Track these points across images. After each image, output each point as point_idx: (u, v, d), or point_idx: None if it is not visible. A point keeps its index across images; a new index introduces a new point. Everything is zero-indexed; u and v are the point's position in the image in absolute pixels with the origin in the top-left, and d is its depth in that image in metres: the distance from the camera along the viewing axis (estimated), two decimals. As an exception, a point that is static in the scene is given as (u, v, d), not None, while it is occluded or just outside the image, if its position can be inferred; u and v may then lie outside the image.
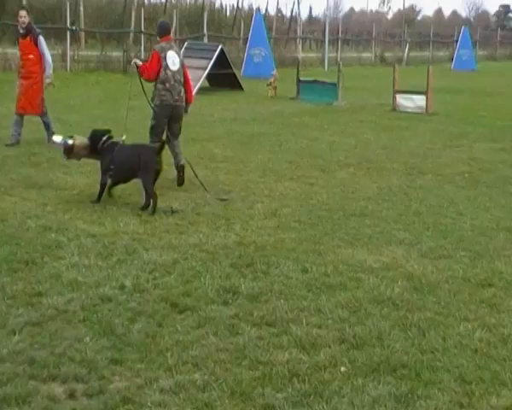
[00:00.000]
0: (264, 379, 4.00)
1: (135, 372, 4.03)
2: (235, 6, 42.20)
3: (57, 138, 8.39)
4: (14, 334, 4.39)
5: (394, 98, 18.06)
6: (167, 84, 8.69)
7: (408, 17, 54.76)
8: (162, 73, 8.68)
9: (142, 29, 30.62)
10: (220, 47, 22.20)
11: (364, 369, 4.16)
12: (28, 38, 11.00)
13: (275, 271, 5.76)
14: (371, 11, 69.91)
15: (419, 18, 71.25)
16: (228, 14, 44.96)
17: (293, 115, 16.47)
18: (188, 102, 8.96)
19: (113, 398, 3.77)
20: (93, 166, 9.48)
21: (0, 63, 22.85)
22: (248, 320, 4.77)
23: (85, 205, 7.52)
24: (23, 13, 11.02)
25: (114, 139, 8.12)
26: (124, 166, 7.70)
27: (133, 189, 8.32)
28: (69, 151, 7.96)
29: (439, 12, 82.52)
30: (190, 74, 9.88)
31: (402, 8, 52.53)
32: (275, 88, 20.93)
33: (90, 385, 3.88)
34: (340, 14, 69.46)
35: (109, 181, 7.77)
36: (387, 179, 9.59)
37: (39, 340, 4.34)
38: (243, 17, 38.31)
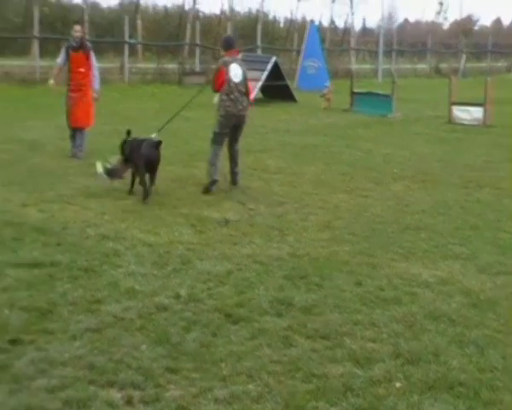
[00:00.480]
0: (318, 392, 4.00)
1: (190, 381, 4.09)
2: (289, 18, 42.32)
3: (99, 169, 9.18)
4: (75, 339, 4.51)
5: (450, 110, 17.82)
6: (231, 96, 9.14)
7: (465, 27, 53.91)
8: (226, 86, 9.15)
9: (198, 41, 31.02)
10: (274, 59, 22.32)
11: (420, 385, 4.11)
12: (80, 52, 11.21)
13: (328, 283, 5.75)
14: (426, 22, 69.05)
15: (476, 28, 70.06)
16: (281, 25, 45.12)
17: (347, 127, 16.41)
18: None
19: (169, 406, 3.83)
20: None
21: (63, 77, 23.44)
22: (302, 332, 4.77)
23: (141, 215, 7.67)
24: (78, 27, 11.34)
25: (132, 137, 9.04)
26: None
27: (187, 200, 8.45)
28: (115, 172, 8.82)
29: (497, 22, 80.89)
30: None
31: (459, 18, 51.74)
32: (328, 100, 20.89)
33: (146, 392, 3.95)
34: (395, 25, 68.84)
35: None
36: (443, 193, 9.47)
37: (98, 346, 4.44)
38: (297, 29, 38.36)
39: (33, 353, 4.30)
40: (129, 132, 9.10)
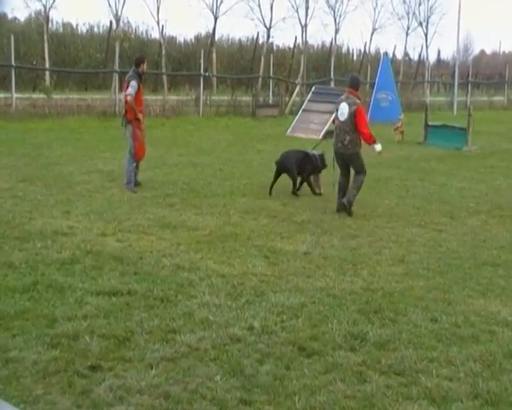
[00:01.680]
0: (392, 430, 3.95)
1: (263, 414, 4.11)
2: (362, 50, 42.33)
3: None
4: (152, 368, 4.61)
5: (529, 143, 17.36)
6: (336, 132, 10.12)
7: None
8: (335, 122, 10.23)
9: (271, 74, 31.42)
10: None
11: (499, 427, 4.00)
12: (143, 84, 11.56)
13: (403, 319, 5.68)
14: (504, 53, 67.72)
15: (555, 59, 68.15)
16: (355, 58, 45.16)
17: (421, 160, 16.21)
18: (366, 142, 10.23)
19: (243, 437, 3.86)
20: (223, 207, 9.84)
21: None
22: (376, 368, 4.73)
23: (215, 245, 7.78)
24: (145, 62, 11.58)
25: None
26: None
27: (261, 231, 8.53)
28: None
29: None
30: (316, 118, 10.55)
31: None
32: (402, 132, 20.70)
33: (220, 423, 3.99)
34: (471, 57, 67.85)
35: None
36: (522, 228, 9.21)
37: (173, 375, 4.52)
38: (370, 61, 38.34)
39: (112, 379, 4.42)
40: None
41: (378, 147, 10.25)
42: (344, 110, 9.90)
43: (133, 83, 11.05)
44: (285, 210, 9.93)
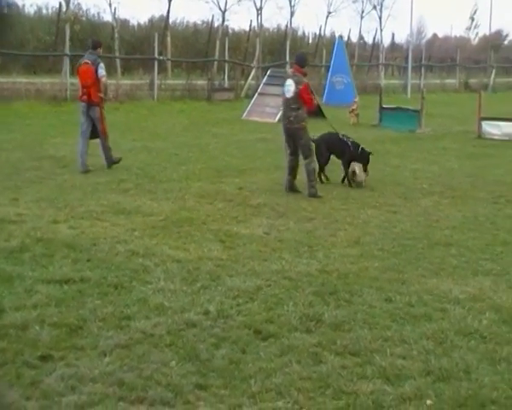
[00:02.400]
0: (347, 409, 3.97)
1: (219, 398, 4.08)
2: (317, 34, 42.41)
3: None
4: (105, 355, 4.53)
5: (479, 125, 17.66)
6: (282, 108, 10.40)
7: (494, 42, 53.46)
8: (282, 98, 10.35)
9: (226, 58, 31.23)
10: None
11: (451, 403, 4.06)
12: None
13: (358, 299, 5.72)
14: (455, 37, 68.68)
15: (506, 43, 69.41)
16: (310, 41, 45.23)
17: (375, 142, 16.30)
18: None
19: (198, 422, 3.83)
20: (178, 192, 9.76)
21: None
22: (331, 349, 4.75)
23: (171, 231, 7.71)
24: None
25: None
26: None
27: (216, 215, 8.48)
28: None
29: (527, 36, 80.00)
30: (272, 102, 10.53)
31: (488, 33, 51.33)
32: (356, 115, 20.85)
33: (176, 409, 3.95)
34: (424, 41, 68.57)
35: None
36: (473, 208, 9.37)
37: (128, 362, 4.46)
38: (325, 44, 38.43)
39: (63, 369, 4.33)
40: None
41: None
42: (290, 87, 10.01)
43: (102, 64, 11.63)
44: (241, 194, 9.90)
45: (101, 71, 11.45)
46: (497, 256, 7.10)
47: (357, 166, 10.92)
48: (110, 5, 31.94)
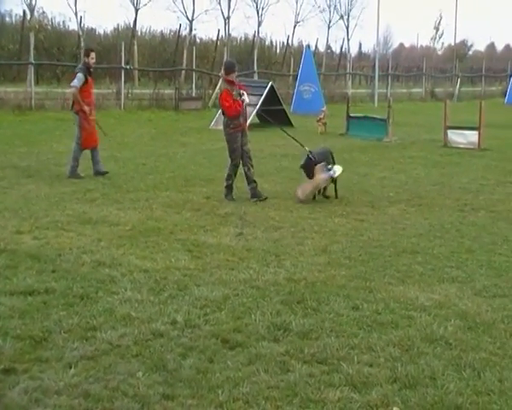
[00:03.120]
0: (315, 418, 3.98)
1: (186, 408, 4.05)
2: (285, 43, 42.64)
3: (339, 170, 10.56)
4: (70, 367, 4.46)
5: (445, 134, 17.90)
6: None
7: (459, 52, 54.37)
8: None
9: (194, 67, 31.22)
10: (270, 84, 22.46)
11: (417, 409, 4.08)
12: (92, 77, 11.84)
13: (325, 308, 5.73)
14: (421, 46, 69.67)
15: (470, 53, 70.69)
16: (278, 51, 45.45)
17: (343, 151, 16.44)
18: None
19: (165, 433, 3.80)
20: (145, 202, 9.70)
21: (59, 102, 23.55)
22: (299, 358, 4.75)
23: (138, 240, 7.65)
24: (94, 54, 11.82)
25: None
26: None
27: (184, 225, 8.45)
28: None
29: (491, 47, 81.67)
30: None
31: (453, 43, 52.18)
32: (324, 124, 20.99)
33: (142, 420, 3.92)
34: (390, 50, 69.44)
35: None
36: (439, 216, 9.48)
37: (94, 374, 4.40)
38: (293, 54, 38.67)
39: (27, 382, 4.25)
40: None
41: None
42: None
43: (79, 75, 11.51)
44: (208, 203, 9.88)
45: (74, 81, 11.55)
46: (462, 263, 7.18)
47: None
48: (76, 14, 31.77)
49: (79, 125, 11.56)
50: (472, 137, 17.48)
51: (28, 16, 29.92)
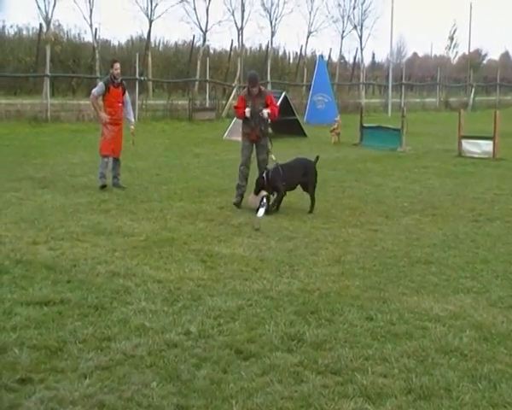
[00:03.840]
0: (329, 429, 3.97)
1: (200, 419, 4.06)
2: (299, 53, 42.70)
3: (260, 214, 9.82)
4: (85, 377, 4.49)
5: (460, 144, 17.84)
6: None
7: (473, 61, 54.18)
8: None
9: (207, 77, 31.35)
10: (284, 94, 22.51)
11: (432, 421, 4.07)
12: (120, 88, 11.78)
13: (339, 318, 5.72)
14: (435, 56, 69.52)
15: (485, 62, 70.43)
16: (291, 61, 45.52)
17: (357, 161, 16.46)
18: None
19: (179, 444, 3.81)
20: (159, 212, 9.74)
21: (74, 114, 23.73)
22: (313, 368, 4.74)
23: (152, 251, 7.68)
24: (118, 65, 11.87)
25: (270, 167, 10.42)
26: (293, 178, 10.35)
27: (198, 235, 8.47)
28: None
29: (505, 56, 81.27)
30: None
31: (467, 52, 52.02)
32: (338, 134, 20.99)
33: (156, 431, 3.93)
34: (404, 60, 69.34)
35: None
36: (453, 226, 9.44)
37: (108, 384, 4.42)
38: (306, 64, 38.73)
39: (43, 392, 4.29)
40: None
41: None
42: None
43: (100, 83, 11.89)
44: (222, 213, 9.90)
45: (93, 89, 11.92)
46: (477, 274, 7.15)
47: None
48: (91, 26, 32.00)
49: (100, 132, 11.89)
50: (486, 146, 17.41)
51: (44, 29, 30.20)
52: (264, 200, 10.07)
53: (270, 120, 10.79)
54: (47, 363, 4.68)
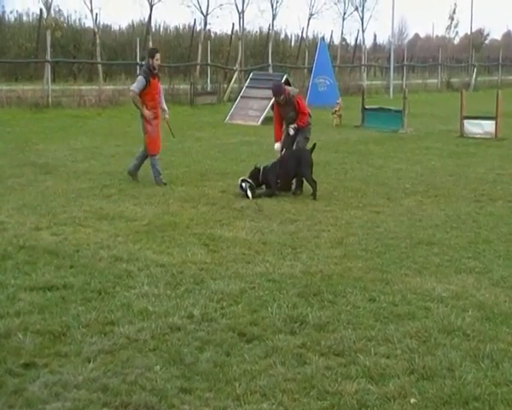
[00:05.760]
0: (332, 410, 3.99)
1: (204, 401, 4.08)
2: (300, 36, 42.50)
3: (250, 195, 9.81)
4: (89, 362, 4.51)
5: (462, 124, 17.78)
6: None
7: (475, 41, 53.87)
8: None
9: (209, 61, 31.22)
10: (285, 76, 22.42)
11: (435, 401, 4.08)
12: (157, 79, 11.06)
13: (342, 300, 5.73)
14: (437, 36, 69.11)
15: (487, 42, 70.02)
16: (292, 44, 45.31)
17: (359, 143, 16.42)
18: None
19: (183, 426, 3.83)
20: (161, 197, 9.74)
21: (75, 100, 23.66)
22: (316, 350, 4.76)
23: (154, 235, 7.69)
24: (159, 55, 10.95)
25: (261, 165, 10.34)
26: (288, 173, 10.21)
27: (200, 219, 8.48)
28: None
29: (507, 35, 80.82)
30: (255, 105, 10.66)
31: (469, 32, 51.69)
32: (339, 116, 20.93)
33: (160, 413, 3.95)
34: (405, 41, 69.04)
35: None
36: (456, 207, 9.43)
37: (112, 368, 4.44)
38: (307, 46, 38.52)
39: (47, 376, 4.31)
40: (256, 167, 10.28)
41: None
42: None
43: (140, 78, 10.80)
44: (224, 197, 9.90)
45: (133, 84, 10.97)
46: (479, 254, 7.15)
47: None
48: (91, 11, 31.78)
49: (143, 130, 11.07)
50: (489, 126, 17.35)
51: (45, 14, 30.04)
52: (243, 184, 9.93)
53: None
54: (51, 348, 4.70)
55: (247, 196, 9.76)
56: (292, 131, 10.57)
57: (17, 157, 13.04)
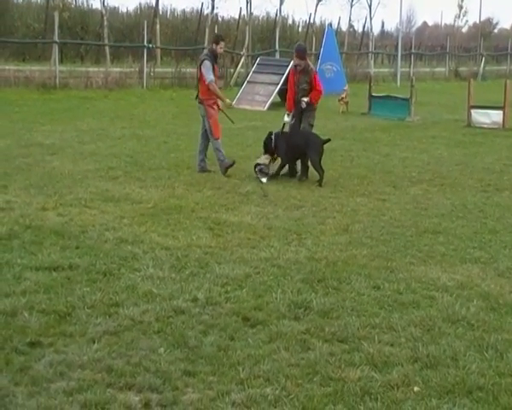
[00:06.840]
0: (335, 396, 3.99)
1: (207, 385, 4.10)
2: (307, 22, 42.27)
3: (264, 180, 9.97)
4: (94, 342, 4.53)
5: (469, 114, 17.70)
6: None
7: (484, 30, 53.54)
8: None
9: (216, 46, 31.06)
10: (292, 62, 22.30)
11: (438, 390, 4.09)
12: (217, 64, 10.92)
13: (346, 287, 5.74)
14: (445, 25, 68.74)
15: (496, 31, 69.64)
16: (300, 29, 45.10)
17: (365, 131, 16.38)
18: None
19: (187, 409, 3.84)
20: (167, 180, 9.74)
21: (82, 81, 23.61)
22: (320, 336, 4.76)
23: (160, 218, 7.69)
24: (223, 44, 10.82)
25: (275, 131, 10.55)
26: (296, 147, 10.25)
27: (205, 203, 8.48)
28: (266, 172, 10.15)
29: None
30: (262, 90, 10.59)
31: (478, 21, 51.39)
32: (346, 103, 20.86)
33: (164, 396, 3.96)
34: (413, 29, 68.67)
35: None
36: (462, 196, 9.41)
37: (116, 349, 4.46)
38: (315, 32, 38.31)
39: (52, 355, 4.34)
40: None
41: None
42: None
43: (207, 63, 10.45)
44: (230, 182, 9.90)
45: (206, 75, 10.44)
46: (485, 244, 7.14)
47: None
48: (99, -8, 31.66)
49: (207, 115, 10.65)
50: (496, 116, 17.26)
51: (53, -5, 29.97)
52: (263, 168, 10.09)
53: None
54: (56, 327, 4.72)
55: (261, 182, 9.77)
56: (304, 104, 10.58)
57: (24, 137, 13.03)
